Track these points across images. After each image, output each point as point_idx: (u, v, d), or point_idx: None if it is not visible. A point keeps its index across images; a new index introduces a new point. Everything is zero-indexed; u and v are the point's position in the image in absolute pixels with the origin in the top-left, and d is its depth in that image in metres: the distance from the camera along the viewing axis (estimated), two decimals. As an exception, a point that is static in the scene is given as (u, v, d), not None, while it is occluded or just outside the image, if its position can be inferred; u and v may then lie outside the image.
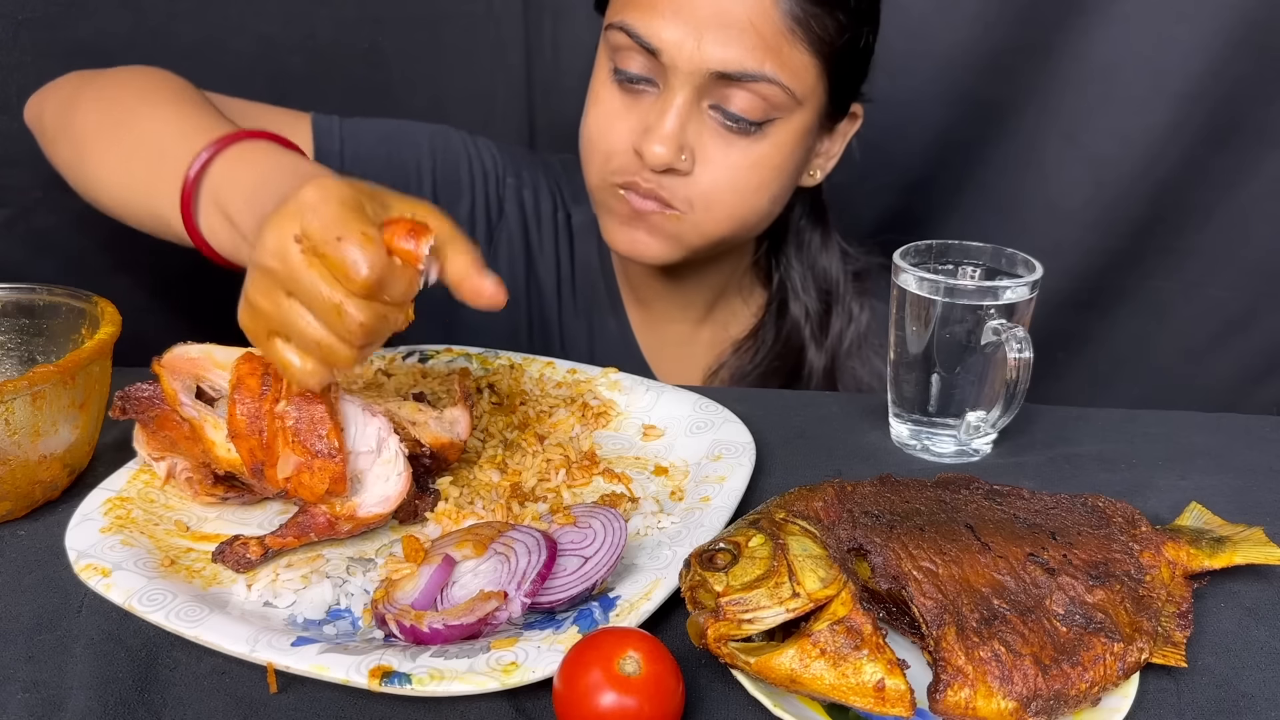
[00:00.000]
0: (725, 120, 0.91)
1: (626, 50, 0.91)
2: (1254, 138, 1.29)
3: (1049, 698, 0.55)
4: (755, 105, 0.90)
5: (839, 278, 1.11)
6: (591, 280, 1.14)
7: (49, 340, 0.79)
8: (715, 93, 0.90)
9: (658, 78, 0.91)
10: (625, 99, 0.94)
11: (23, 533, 0.71)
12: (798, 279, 1.10)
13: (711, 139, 0.92)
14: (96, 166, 0.88)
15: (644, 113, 0.92)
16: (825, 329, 1.11)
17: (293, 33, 1.28)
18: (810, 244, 1.10)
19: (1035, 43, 1.28)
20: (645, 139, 0.90)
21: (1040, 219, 1.36)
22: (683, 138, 0.90)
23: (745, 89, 0.89)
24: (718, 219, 0.95)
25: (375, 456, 0.69)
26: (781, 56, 0.88)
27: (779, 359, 1.10)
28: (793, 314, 1.10)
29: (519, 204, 1.11)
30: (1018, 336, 0.76)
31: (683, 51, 0.88)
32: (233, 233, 0.73)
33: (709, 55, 0.87)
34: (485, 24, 1.32)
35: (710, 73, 0.88)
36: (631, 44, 0.90)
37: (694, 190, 0.93)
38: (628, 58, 0.91)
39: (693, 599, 0.59)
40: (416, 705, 0.57)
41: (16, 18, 1.17)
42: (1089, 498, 0.70)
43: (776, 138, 0.93)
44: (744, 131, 0.91)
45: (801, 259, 1.11)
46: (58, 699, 0.57)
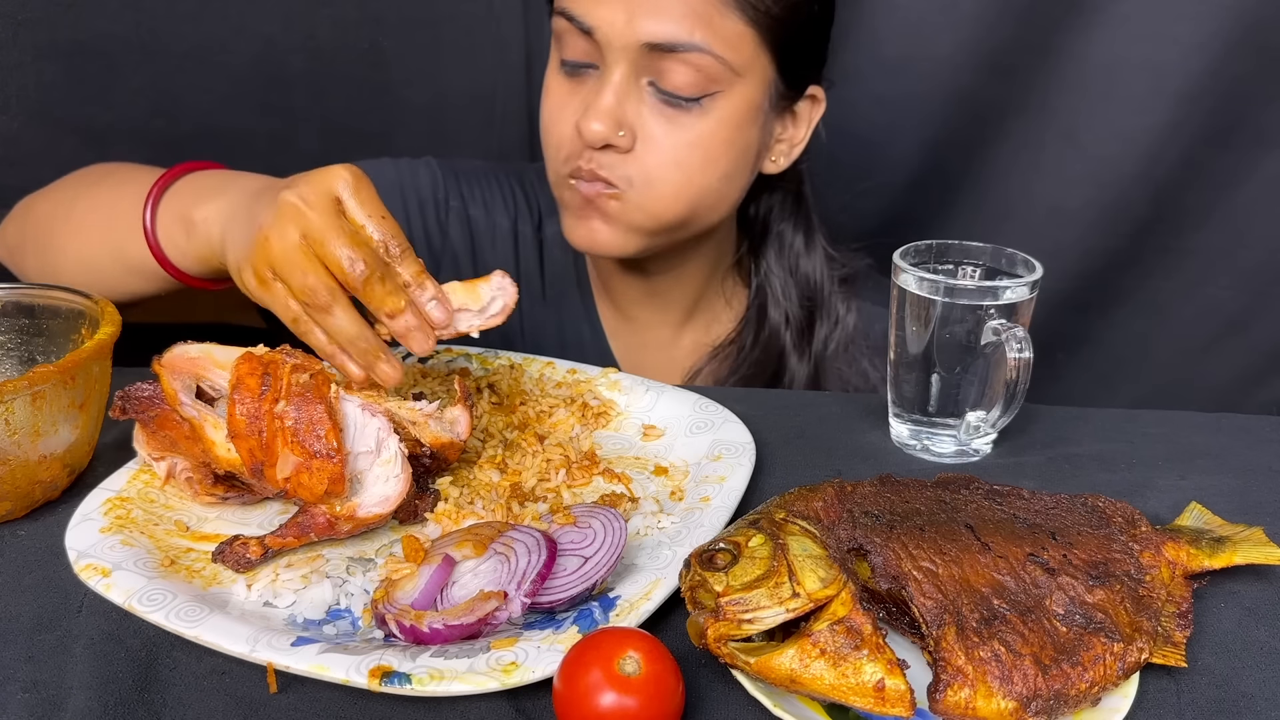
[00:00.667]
0: (663, 96, 0.91)
1: (568, 35, 0.93)
2: (1254, 138, 1.29)
3: (1049, 698, 0.55)
4: (691, 79, 0.90)
5: (823, 282, 1.10)
6: (565, 290, 1.13)
7: (49, 340, 0.79)
8: (651, 67, 0.90)
9: (596, 60, 0.92)
10: (570, 85, 0.95)
11: (23, 533, 0.71)
12: (778, 284, 1.10)
13: (652, 116, 0.92)
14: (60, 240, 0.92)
15: (586, 94, 0.93)
16: (809, 336, 1.10)
17: (293, 33, 1.29)
18: (792, 246, 1.10)
19: (1035, 43, 1.28)
20: (583, 117, 0.92)
21: (1040, 219, 1.36)
22: (620, 114, 0.91)
23: (680, 61, 0.89)
24: (663, 197, 0.94)
25: (375, 457, 0.69)
26: (713, 26, 0.89)
27: (757, 366, 1.10)
28: (772, 319, 1.10)
29: (465, 224, 1.11)
30: (1018, 336, 0.76)
31: (615, 27, 0.89)
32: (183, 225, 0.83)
33: (640, 28, 0.88)
34: (485, 24, 1.32)
35: (642, 45, 0.89)
36: (570, 27, 0.92)
37: (634, 168, 0.93)
38: (569, 44, 0.93)
39: (693, 599, 0.59)
40: (416, 705, 0.57)
41: (16, 18, 1.17)
42: (1089, 498, 0.70)
43: (719, 113, 0.93)
44: (683, 107, 0.92)
45: (783, 263, 1.10)
46: (58, 699, 0.57)
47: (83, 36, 1.20)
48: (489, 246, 1.12)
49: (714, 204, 0.98)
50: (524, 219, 1.13)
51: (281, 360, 0.68)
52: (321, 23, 1.29)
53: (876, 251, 1.15)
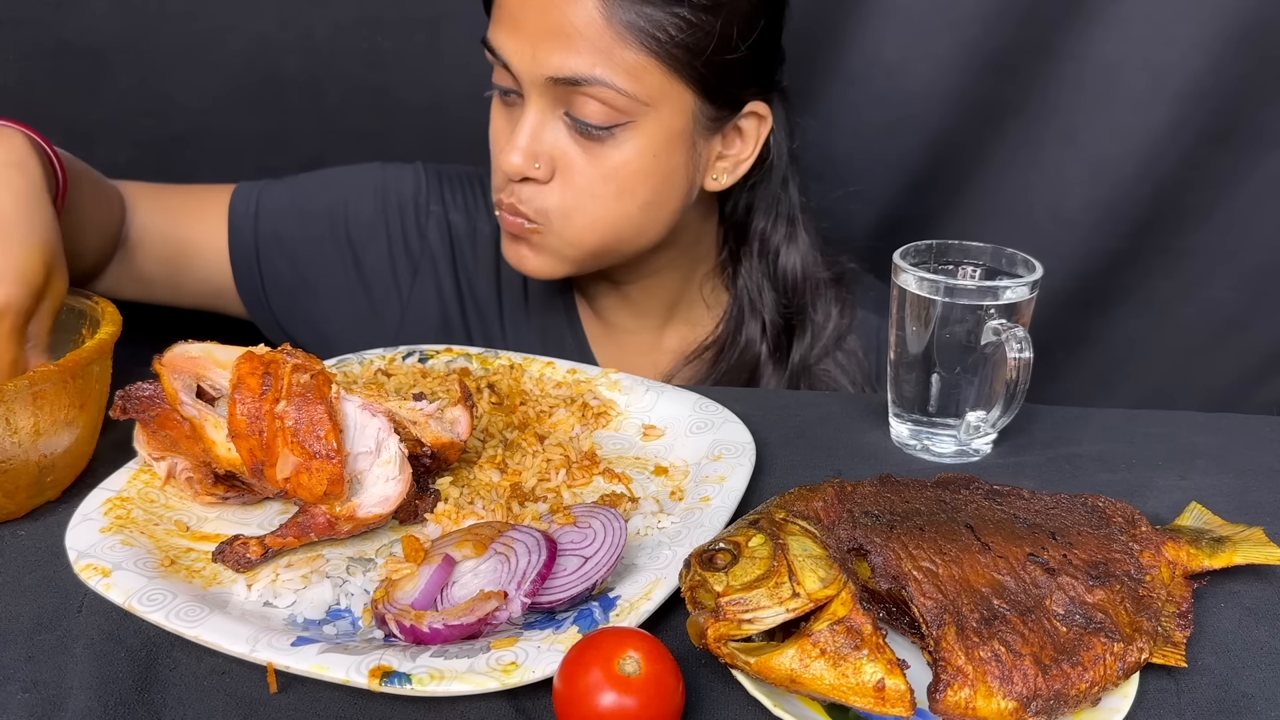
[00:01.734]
0: (578, 127, 0.92)
1: (496, 66, 0.95)
2: (1254, 138, 1.29)
3: (1049, 698, 0.55)
4: (599, 111, 0.91)
5: (806, 280, 1.09)
6: (547, 296, 1.14)
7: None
8: (564, 100, 0.92)
9: (520, 90, 0.94)
10: (505, 114, 0.97)
11: (23, 533, 0.71)
12: (756, 290, 1.09)
13: (569, 146, 0.94)
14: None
15: (514, 124, 0.95)
16: (786, 348, 1.10)
17: (289, 33, 1.28)
18: (772, 242, 1.09)
19: (1035, 43, 1.28)
20: (502, 151, 0.94)
21: (1040, 219, 1.36)
22: (537, 146, 0.93)
23: (586, 94, 0.90)
24: (580, 228, 0.96)
25: (375, 457, 0.69)
26: (613, 59, 0.89)
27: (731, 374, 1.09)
28: (749, 329, 1.10)
29: (445, 230, 1.12)
30: (1018, 336, 0.76)
31: (523, 62, 0.91)
32: None
33: (542, 63, 0.90)
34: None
35: (546, 79, 0.90)
36: (494, 58, 0.94)
37: (549, 200, 0.95)
38: (499, 73, 0.95)
39: (693, 599, 0.59)
40: (416, 705, 0.57)
41: (3, 17, 1.16)
42: (1089, 498, 0.70)
43: (633, 143, 0.93)
44: (596, 138, 0.93)
45: (764, 262, 1.09)
46: (58, 699, 0.57)
47: (70, 35, 1.20)
48: (469, 251, 1.12)
49: (637, 231, 0.98)
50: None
51: (282, 360, 0.68)
52: (319, 22, 1.29)
53: (876, 252, 1.15)
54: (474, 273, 1.13)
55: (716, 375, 1.10)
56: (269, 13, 1.27)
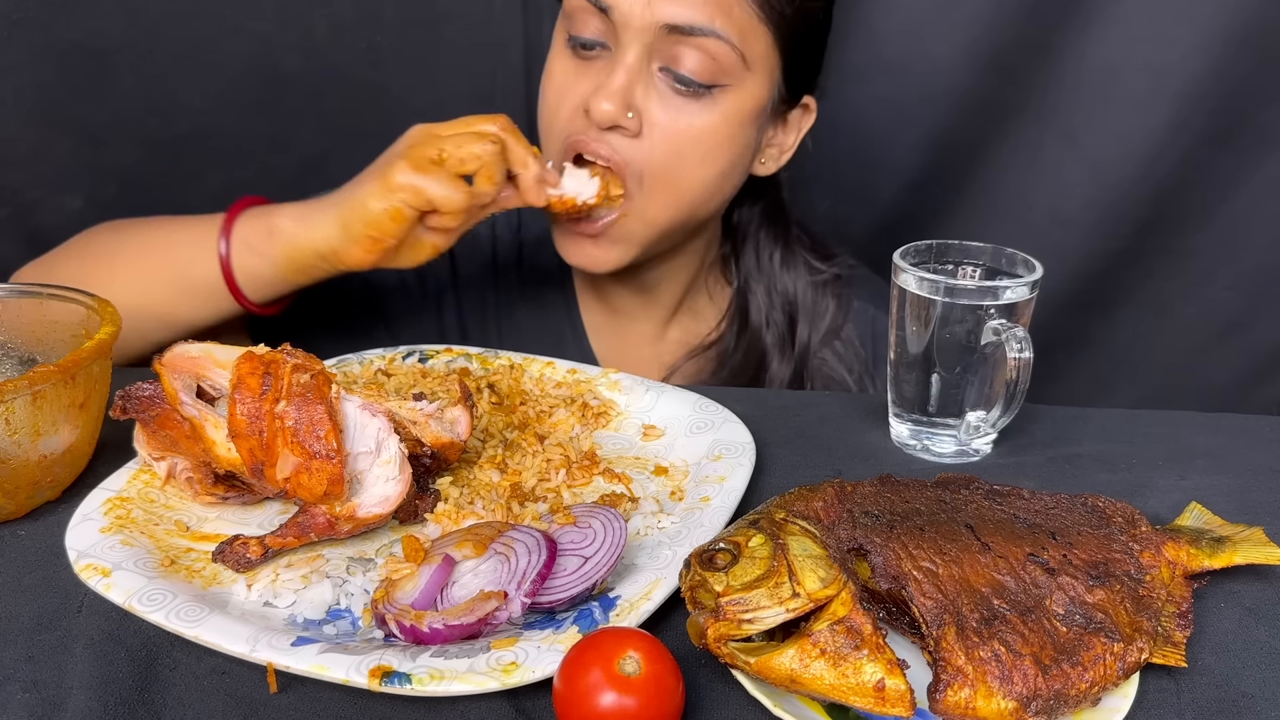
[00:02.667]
0: (675, 83, 0.91)
1: (580, 14, 0.93)
2: (1254, 138, 1.29)
3: (1049, 698, 0.55)
4: (705, 65, 0.90)
5: (803, 294, 1.10)
6: (547, 291, 1.13)
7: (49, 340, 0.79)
8: (665, 52, 0.91)
9: (609, 40, 0.92)
10: (579, 65, 0.95)
11: (23, 533, 0.71)
12: (759, 290, 1.10)
13: (660, 103, 0.92)
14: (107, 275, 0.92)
15: (596, 75, 0.93)
16: (791, 339, 1.10)
17: (289, 33, 1.28)
18: (770, 258, 1.10)
19: (1035, 43, 1.28)
20: (594, 96, 0.92)
21: (1040, 219, 1.36)
22: (630, 96, 0.91)
23: (695, 46, 0.90)
24: (664, 197, 0.95)
25: (375, 457, 0.69)
26: (732, 15, 0.90)
27: (739, 368, 1.10)
28: (754, 323, 1.10)
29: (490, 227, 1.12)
30: (1018, 336, 0.76)
31: (634, 7, 0.89)
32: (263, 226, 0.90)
33: (659, 10, 0.89)
34: (485, 24, 1.32)
35: (660, 26, 0.89)
36: (586, 6, 0.92)
37: (642, 155, 0.93)
38: (581, 22, 0.93)
39: (693, 599, 0.59)
40: (416, 705, 0.57)
41: (11, 18, 1.17)
42: (1089, 498, 0.70)
43: (725, 106, 0.93)
44: (694, 94, 0.92)
45: (761, 272, 1.10)
46: (58, 699, 0.57)
47: (78, 36, 1.20)
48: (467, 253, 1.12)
49: (708, 199, 0.98)
50: (503, 223, 1.13)
51: (282, 360, 0.68)
52: (319, 22, 1.29)
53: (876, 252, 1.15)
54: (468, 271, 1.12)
55: (725, 372, 1.10)
56: (270, 13, 1.27)
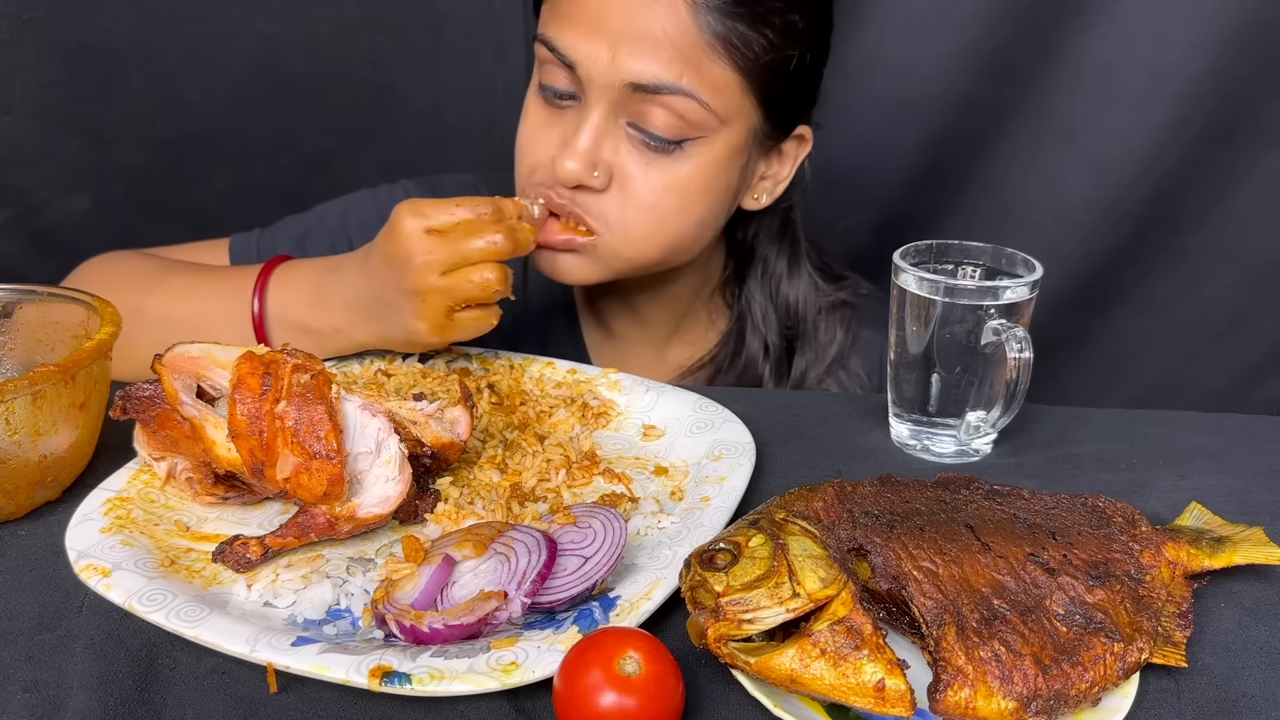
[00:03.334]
0: (644, 138, 0.89)
1: (549, 64, 0.91)
2: (1254, 137, 1.29)
3: (1049, 698, 0.55)
4: (673, 123, 0.88)
5: (806, 310, 1.08)
6: (549, 309, 1.12)
7: (49, 340, 0.79)
8: (632, 109, 0.88)
9: (579, 91, 0.90)
10: (550, 115, 0.93)
11: (23, 533, 0.71)
12: (759, 311, 1.08)
13: (630, 157, 0.90)
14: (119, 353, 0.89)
15: (565, 125, 0.91)
16: (787, 368, 1.09)
17: (294, 33, 1.29)
18: (776, 272, 1.08)
19: (1035, 43, 1.28)
20: (559, 154, 0.90)
21: (1040, 219, 1.36)
22: (597, 154, 0.89)
23: (662, 105, 0.87)
24: (637, 242, 0.93)
25: (375, 457, 0.69)
26: (700, 71, 0.87)
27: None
28: (750, 347, 1.08)
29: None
30: (1018, 336, 0.76)
31: (598, 65, 0.87)
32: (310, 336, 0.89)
33: (623, 67, 0.86)
34: (485, 24, 1.32)
35: (624, 84, 0.87)
36: (552, 58, 0.90)
37: (609, 208, 0.91)
38: (551, 72, 0.91)
39: (693, 599, 0.59)
40: (416, 705, 0.57)
41: (20, 18, 1.17)
42: (1089, 498, 0.70)
43: (699, 158, 0.91)
44: (663, 150, 0.90)
45: (765, 288, 1.08)
46: (58, 699, 0.57)
47: (86, 36, 1.21)
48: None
49: (688, 246, 0.97)
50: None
51: (282, 360, 0.68)
52: (322, 22, 1.29)
53: (876, 252, 1.15)
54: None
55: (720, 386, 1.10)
56: (275, 14, 1.27)
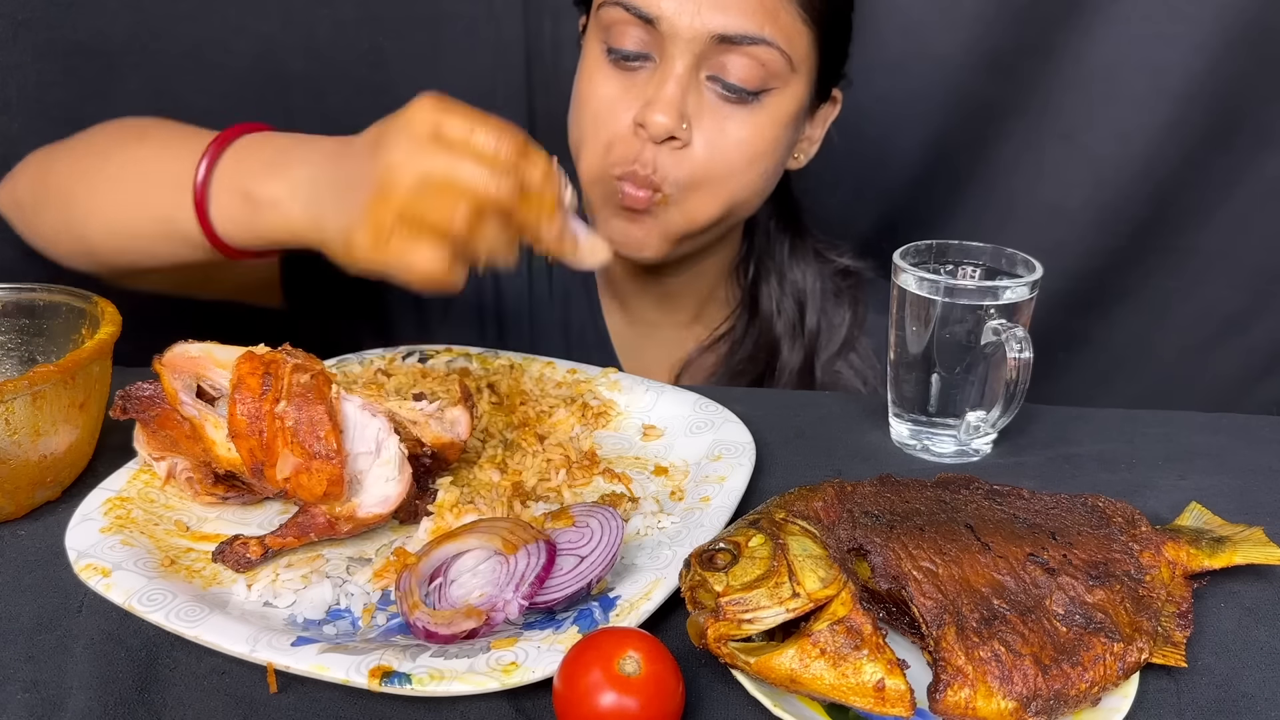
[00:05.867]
0: (723, 91, 0.91)
1: (622, 25, 0.91)
2: (1254, 138, 1.29)
3: (1049, 698, 0.55)
4: (753, 73, 0.90)
5: (813, 285, 1.10)
6: (572, 290, 1.13)
7: (49, 340, 0.79)
8: (713, 61, 0.90)
9: (654, 51, 0.91)
10: (622, 80, 0.93)
11: (23, 533, 0.71)
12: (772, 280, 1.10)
13: (709, 112, 0.91)
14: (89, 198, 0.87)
15: (641, 87, 0.92)
16: (801, 327, 1.10)
17: (293, 33, 1.28)
18: (780, 250, 1.10)
19: (1035, 43, 1.28)
20: (647, 109, 0.90)
21: (1040, 219, 1.36)
22: (683, 105, 0.90)
23: (744, 54, 0.89)
24: (705, 198, 0.94)
25: (375, 457, 0.69)
26: (779, 21, 0.89)
27: (750, 358, 1.09)
28: (764, 310, 1.10)
29: None
30: (1018, 336, 0.76)
31: (682, 18, 0.88)
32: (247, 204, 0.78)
33: (709, 19, 0.88)
34: (485, 24, 1.32)
35: (711, 36, 0.88)
36: (628, 18, 0.90)
37: (689, 167, 0.92)
38: (623, 33, 0.91)
39: (693, 599, 0.59)
40: (416, 705, 0.57)
41: (16, 18, 1.17)
42: (1089, 498, 0.70)
43: (772, 109, 0.93)
44: (742, 101, 0.91)
45: (771, 265, 1.10)
46: (58, 699, 0.57)
47: (82, 36, 1.20)
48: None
49: (750, 200, 0.98)
50: None
51: (283, 360, 0.68)
52: (321, 22, 1.29)
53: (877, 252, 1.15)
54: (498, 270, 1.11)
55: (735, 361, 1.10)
56: (273, 14, 1.27)
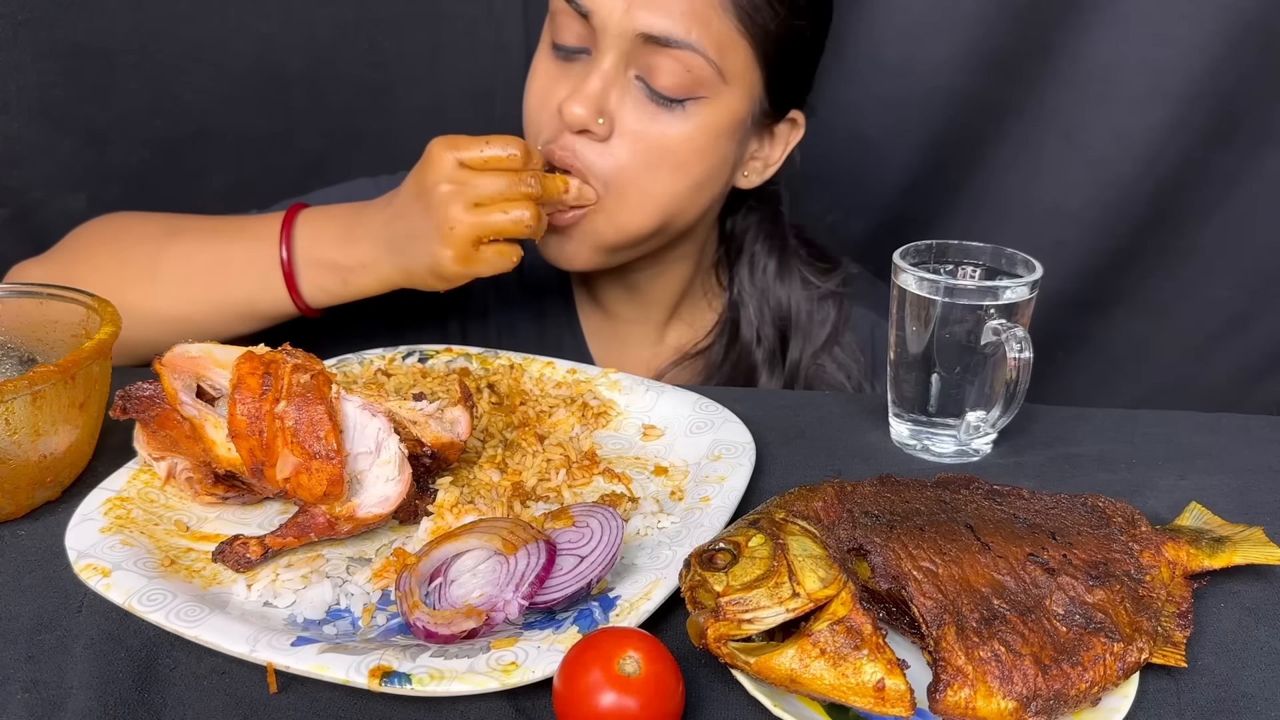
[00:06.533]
0: (649, 92, 0.91)
1: (562, 17, 0.93)
2: (1254, 138, 1.29)
3: (1049, 698, 0.55)
4: (679, 78, 0.90)
5: (798, 309, 1.10)
6: (545, 293, 1.13)
7: (49, 340, 0.79)
8: (641, 61, 0.90)
9: (590, 45, 0.92)
10: (559, 69, 0.95)
11: (23, 533, 0.71)
12: (751, 304, 1.10)
13: (633, 109, 0.92)
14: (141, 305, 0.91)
15: (574, 79, 0.93)
16: (782, 356, 1.10)
17: (292, 33, 1.29)
18: (766, 270, 1.09)
19: (1035, 43, 1.28)
20: (567, 100, 0.91)
21: (1040, 219, 1.36)
22: (603, 101, 0.91)
23: (671, 58, 0.89)
24: (633, 205, 0.94)
25: (375, 457, 0.69)
26: (710, 28, 0.89)
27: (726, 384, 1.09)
28: (744, 337, 1.10)
29: None
30: (1018, 336, 0.76)
31: (613, 14, 0.89)
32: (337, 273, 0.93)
33: (637, 18, 0.89)
34: (485, 24, 1.32)
35: (637, 34, 0.89)
36: (566, 8, 0.92)
37: (610, 161, 0.92)
38: (563, 26, 0.93)
39: (693, 599, 0.59)
40: (416, 705, 0.57)
41: (16, 18, 1.17)
42: (1089, 498, 0.70)
43: (700, 119, 0.93)
44: (666, 106, 0.92)
45: (755, 284, 1.10)
46: (58, 699, 0.57)
47: (82, 37, 1.20)
48: None
49: (681, 210, 0.98)
50: None
51: (283, 360, 0.68)
52: (320, 22, 1.29)
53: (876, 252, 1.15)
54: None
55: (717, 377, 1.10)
56: (273, 14, 1.27)
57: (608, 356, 1.13)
